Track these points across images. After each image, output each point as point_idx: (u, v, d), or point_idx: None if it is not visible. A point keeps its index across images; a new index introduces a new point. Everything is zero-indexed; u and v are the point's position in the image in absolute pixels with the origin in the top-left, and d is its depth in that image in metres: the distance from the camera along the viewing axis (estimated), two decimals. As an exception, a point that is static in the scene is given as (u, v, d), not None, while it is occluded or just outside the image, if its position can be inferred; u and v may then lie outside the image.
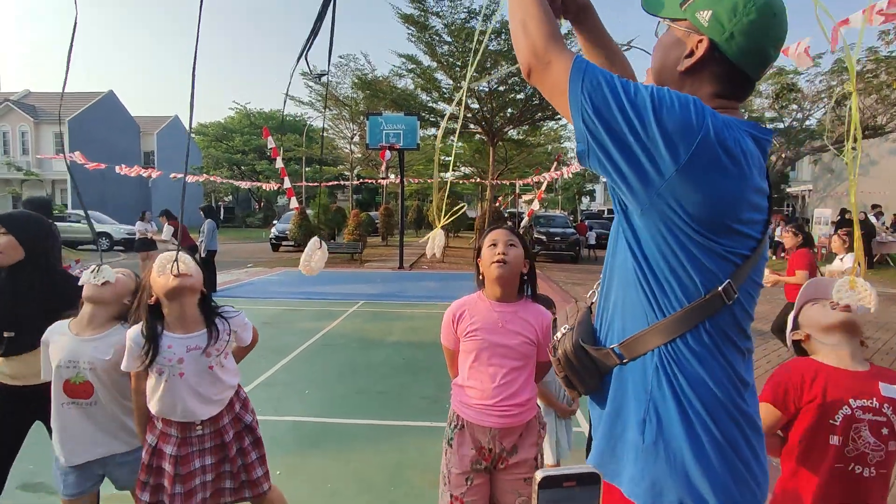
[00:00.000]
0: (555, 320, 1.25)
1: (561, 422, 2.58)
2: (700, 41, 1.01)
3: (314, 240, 1.95)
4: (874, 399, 1.42)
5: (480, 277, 1.89)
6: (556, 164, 15.98)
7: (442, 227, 2.45)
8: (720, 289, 0.95)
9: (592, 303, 1.22)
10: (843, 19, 3.06)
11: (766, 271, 7.18)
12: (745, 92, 1.06)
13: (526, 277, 1.89)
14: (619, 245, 1.08)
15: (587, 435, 1.27)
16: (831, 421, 1.42)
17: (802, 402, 1.46)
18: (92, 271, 1.83)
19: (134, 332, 1.74)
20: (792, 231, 5.43)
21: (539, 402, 2.57)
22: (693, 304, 0.96)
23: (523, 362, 1.81)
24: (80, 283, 1.88)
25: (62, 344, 1.84)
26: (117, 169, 13.80)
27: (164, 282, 1.72)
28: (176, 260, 1.71)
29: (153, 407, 1.77)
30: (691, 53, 1.03)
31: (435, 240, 2.51)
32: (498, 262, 1.78)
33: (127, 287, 1.94)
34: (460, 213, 17.73)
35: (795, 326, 1.66)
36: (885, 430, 1.41)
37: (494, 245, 1.81)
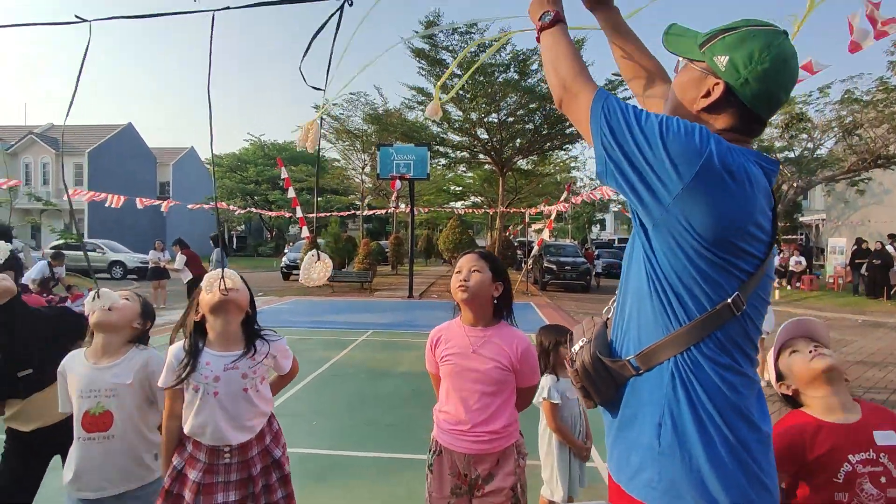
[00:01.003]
0: (571, 335, 1.27)
1: (575, 458, 2.51)
2: (716, 84, 1.09)
3: (312, 252, 1.96)
4: (871, 450, 1.41)
5: (457, 303, 1.93)
6: (565, 193, 16.00)
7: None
8: (729, 300, 1.02)
9: (608, 318, 1.26)
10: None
11: None
12: (758, 131, 1.14)
13: (497, 301, 1.86)
14: (633, 259, 1.16)
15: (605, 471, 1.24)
16: (835, 479, 1.40)
17: (806, 460, 1.43)
18: (92, 298, 1.81)
19: (176, 348, 1.75)
20: None
21: (554, 438, 2.50)
22: (705, 315, 1.03)
23: (496, 388, 1.79)
24: (85, 313, 1.86)
25: (80, 373, 1.82)
26: (138, 203, 14.09)
27: (210, 297, 1.73)
28: (222, 277, 1.72)
29: (187, 426, 1.72)
30: (707, 94, 1.11)
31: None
32: (460, 287, 1.81)
33: (133, 310, 1.92)
34: (466, 240, 17.75)
35: (780, 377, 1.61)
36: (883, 479, 1.39)
37: (460, 272, 1.84)
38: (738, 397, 1.02)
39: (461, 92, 17.81)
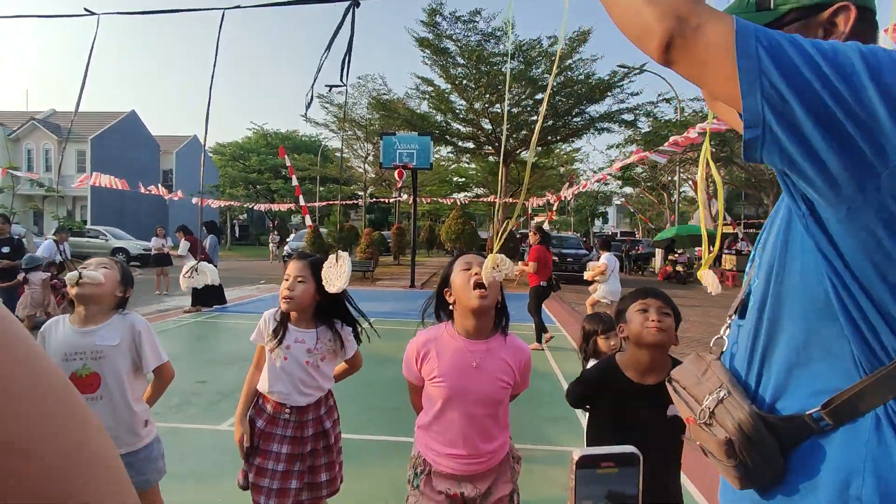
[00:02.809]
0: (670, 380, 0.94)
1: None
2: (839, 10, 0.80)
3: (332, 256, 1.98)
4: None
5: (451, 307, 1.63)
6: (567, 184, 15.96)
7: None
8: None
9: (723, 350, 0.92)
10: None
11: (520, 263, 8.03)
12: None
13: (500, 307, 1.66)
14: (789, 263, 0.81)
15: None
16: None
17: None
18: (75, 280, 1.80)
19: (268, 314, 2.04)
20: (532, 231, 6.97)
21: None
22: None
23: (497, 408, 1.61)
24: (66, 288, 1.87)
25: (64, 337, 1.81)
26: (142, 190, 14.16)
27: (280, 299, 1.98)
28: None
29: (261, 382, 2.00)
30: (831, 26, 0.82)
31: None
32: (481, 294, 1.50)
33: (113, 279, 1.89)
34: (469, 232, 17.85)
35: None
36: None
37: (468, 269, 1.55)
38: None
39: (465, 81, 17.72)
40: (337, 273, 1.99)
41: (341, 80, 1.72)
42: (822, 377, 0.77)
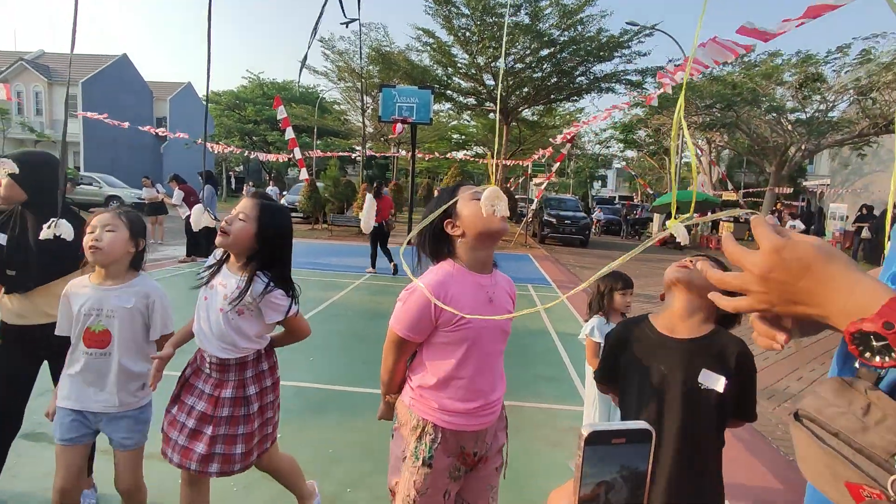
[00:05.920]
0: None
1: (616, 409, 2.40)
2: None
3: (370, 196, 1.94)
4: None
5: (461, 237, 1.49)
6: (563, 142, 15.47)
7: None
8: None
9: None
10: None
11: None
12: None
13: None
14: None
15: None
16: None
17: None
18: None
19: (214, 253, 1.96)
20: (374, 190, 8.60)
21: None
22: None
23: (505, 342, 1.58)
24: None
25: (85, 294, 1.87)
26: (137, 127, 13.81)
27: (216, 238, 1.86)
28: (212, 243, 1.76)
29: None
30: None
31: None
32: (502, 216, 1.43)
33: (122, 239, 1.87)
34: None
35: None
36: None
37: (479, 199, 1.46)
38: None
39: (468, 34, 17.13)
40: (370, 213, 1.96)
41: (345, 15, 1.60)
42: None
